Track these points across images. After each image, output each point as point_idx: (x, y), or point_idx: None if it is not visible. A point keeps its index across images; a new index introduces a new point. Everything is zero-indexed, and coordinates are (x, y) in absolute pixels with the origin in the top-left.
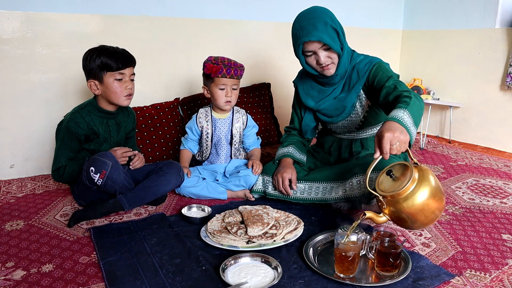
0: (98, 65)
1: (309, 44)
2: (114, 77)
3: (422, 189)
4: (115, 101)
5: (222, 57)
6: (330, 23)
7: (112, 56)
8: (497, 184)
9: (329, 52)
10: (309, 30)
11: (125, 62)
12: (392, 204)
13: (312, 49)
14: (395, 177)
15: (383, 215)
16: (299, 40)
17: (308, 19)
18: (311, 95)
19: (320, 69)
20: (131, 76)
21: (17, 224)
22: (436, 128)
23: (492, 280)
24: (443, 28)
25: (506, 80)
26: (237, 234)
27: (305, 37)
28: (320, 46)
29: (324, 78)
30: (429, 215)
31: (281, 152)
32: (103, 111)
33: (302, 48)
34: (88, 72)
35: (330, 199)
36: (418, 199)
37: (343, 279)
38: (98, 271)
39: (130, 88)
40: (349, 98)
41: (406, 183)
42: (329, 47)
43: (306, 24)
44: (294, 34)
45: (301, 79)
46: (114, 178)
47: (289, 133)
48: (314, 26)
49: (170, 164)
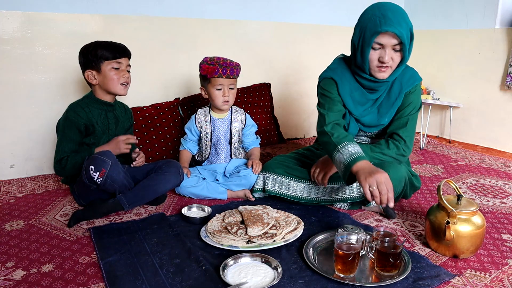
0: (95, 55)
1: (386, 36)
2: (112, 66)
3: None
4: (112, 89)
5: (217, 57)
6: (410, 25)
7: (108, 46)
8: (497, 184)
9: (395, 54)
10: (393, 22)
11: (121, 52)
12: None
13: (384, 43)
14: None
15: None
16: (379, 28)
17: (393, 11)
18: (353, 98)
19: (377, 68)
20: (127, 67)
21: (17, 224)
22: (436, 128)
23: (492, 280)
24: (443, 28)
25: (506, 80)
26: (237, 234)
27: (388, 27)
28: (393, 43)
29: (371, 82)
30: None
31: (355, 152)
32: (101, 102)
33: (376, 37)
34: (85, 63)
35: (329, 200)
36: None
37: (343, 279)
38: (98, 271)
39: (127, 77)
40: (388, 115)
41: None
42: (401, 48)
43: (390, 14)
44: (370, 19)
45: (337, 75)
46: (113, 177)
47: (335, 123)
48: (398, 20)
49: (169, 163)
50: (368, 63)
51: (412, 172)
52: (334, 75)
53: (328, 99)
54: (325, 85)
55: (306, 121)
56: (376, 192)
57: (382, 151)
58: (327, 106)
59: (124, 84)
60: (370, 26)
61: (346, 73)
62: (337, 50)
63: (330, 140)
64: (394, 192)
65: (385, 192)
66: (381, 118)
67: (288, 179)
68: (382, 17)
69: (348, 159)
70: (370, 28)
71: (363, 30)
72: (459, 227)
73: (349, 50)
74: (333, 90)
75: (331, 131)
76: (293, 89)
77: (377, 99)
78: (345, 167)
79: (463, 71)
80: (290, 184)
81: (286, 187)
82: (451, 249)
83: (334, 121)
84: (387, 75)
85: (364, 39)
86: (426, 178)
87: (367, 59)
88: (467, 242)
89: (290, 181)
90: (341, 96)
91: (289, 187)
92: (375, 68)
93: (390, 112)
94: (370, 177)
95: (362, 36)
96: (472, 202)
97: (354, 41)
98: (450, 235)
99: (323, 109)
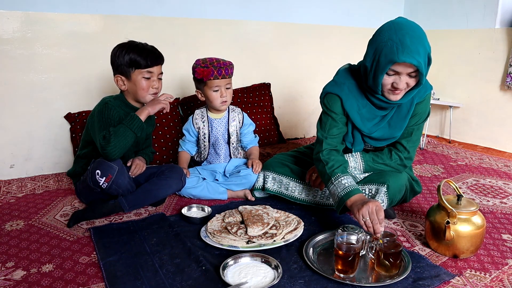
0: (127, 61)
1: (402, 65)
2: (142, 75)
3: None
4: (141, 98)
5: (209, 58)
6: (428, 50)
7: (141, 53)
8: (497, 184)
9: (411, 80)
10: (411, 51)
11: (154, 60)
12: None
13: (400, 71)
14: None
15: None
16: (396, 57)
17: (411, 36)
18: (361, 115)
19: (389, 92)
20: (159, 75)
21: (17, 224)
22: (436, 128)
23: (492, 280)
24: (443, 28)
25: (506, 80)
26: (237, 234)
27: (405, 57)
28: (410, 71)
29: (382, 102)
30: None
31: (348, 185)
32: (131, 106)
33: (391, 65)
34: (116, 68)
35: (327, 204)
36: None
37: (343, 279)
38: (98, 271)
39: (157, 88)
40: (400, 128)
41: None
42: (417, 74)
43: (408, 41)
44: (387, 44)
45: (344, 91)
46: (119, 183)
47: (331, 150)
48: (416, 48)
49: (172, 168)
50: (381, 87)
51: (413, 177)
52: (340, 92)
53: (331, 119)
54: (329, 102)
55: (306, 121)
56: (368, 223)
57: (384, 162)
58: (327, 128)
59: (153, 94)
60: (386, 51)
61: (354, 90)
62: (337, 50)
63: (324, 170)
64: (394, 199)
65: (376, 222)
66: (394, 131)
67: (288, 178)
68: (399, 43)
69: (342, 193)
70: (385, 54)
71: (378, 54)
72: (459, 227)
73: (349, 51)
74: (338, 109)
75: (326, 159)
76: (293, 89)
77: (386, 114)
78: (339, 200)
79: (463, 71)
80: (289, 184)
81: (285, 187)
82: (451, 249)
83: (330, 147)
84: (400, 97)
85: (378, 64)
86: (426, 178)
87: (379, 83)
88: (467, 242)
89: (289, 181)
90: (348, 113)
91: (288, 187)
92: (388, 91)
93: (402, 125)
94: (362, 208)
95: (377, 60)
96: (472, 202)
97: (367, 63)
98: (450, 235)
99: (322, 132)
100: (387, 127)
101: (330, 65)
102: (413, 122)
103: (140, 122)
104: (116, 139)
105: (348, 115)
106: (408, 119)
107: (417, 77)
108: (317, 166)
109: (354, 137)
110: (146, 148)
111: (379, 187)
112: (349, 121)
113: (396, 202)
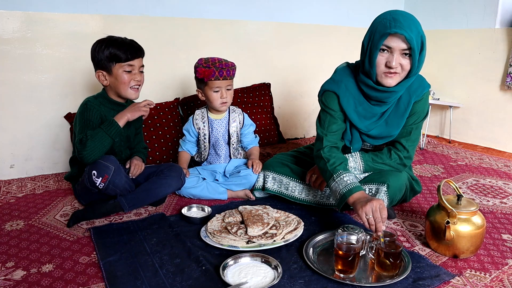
0: (106, 56)
1: (395, 39)
2: (123, 69)
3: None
4: (123, 93)
5: (212, 59)
6: (421, 33)
7: (120, 47)
8: (497, 184)
9: (404, 60)
10: (403, 26)
11: (134, 53)
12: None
13: (392, 46)
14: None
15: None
16: (388, 29)
17: (404, 17)
18: (358, 112)
19: (384, 74)
20: (140, 68)
21: (17, 224)
22: (436, 128)
23: (492, 280)
24: (443, 28)
25: (506, 80)
26: (237, 234)
27: (398, 29)
28: (402, 47)
29: (378, 91)
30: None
31: (350, 182)
32: (114, 102)
33: (385, 39)
34: (96, 63)
35: (328, 205)
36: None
37: (343, 279)
38: (98, 271)
39: (138, 80)
40: (397, 126)
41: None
42: (410, 54)
43: (401, 19)
44: (380, 22)
45: (341, 89)
46: (116, 183)
47: (331, 147)
48: (408, 24)
49: (171, 167)
50: (376, 68)
51: (413, 177)
52: (338, 89)
53: (329, 116)
54: (327, 100)
55: (306, 121)
56: (371, 220)
57: (383, 161)
58: (327, 125)
59: (135, 87)
60: (379, 28)
61: (350, 86)
62: (337, 50)
63: (325, 167)
64: (394, 199)
65: (379, 220)
66: (391, 129)
67: (288, 178)
68: (392, 20)
69: (344, 190)
70: (379, 30)
71: (373, 32)
72: (459, 227)
73: (349, 50)
74: (335, 106)
75: (328, 157)
76: (293, 89)
77: (384, 112)
78: (341, 197)
79: (463, 71)
80: (289, 184)
81: (285, 187)
82: (451, 249)
83: (331, 144)
84: (395, 82)
85: (373, 41)
86: (426, 178)
87: (374, 64)
88: (467, 242)
89: (289, 181)
90: (345, 111)
91: (288, 187)
92: (381, 74)
93: (399, 123)
94: (366, 206)
95: (372, 38)
96: (472, 202)
97: (364, 44)
98: (450, 235)
99: (322, 129)
100: (384, 125)
101: (330, 65)
102: (412, 121)
103: (118, 127)
104: (93, 143)
105: (345, 112)
106: (405, 117)
107: (411, 59)
108: (318, 164)
109: (352, 135)
110: (138, 144)
111: (379, 186)
112: (347, 119)
113: (397, 201)
